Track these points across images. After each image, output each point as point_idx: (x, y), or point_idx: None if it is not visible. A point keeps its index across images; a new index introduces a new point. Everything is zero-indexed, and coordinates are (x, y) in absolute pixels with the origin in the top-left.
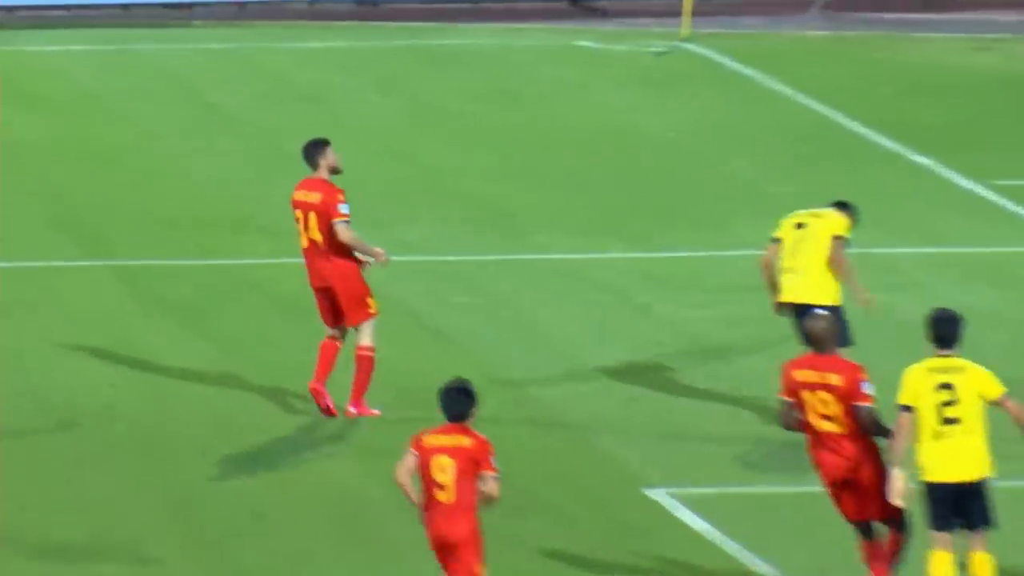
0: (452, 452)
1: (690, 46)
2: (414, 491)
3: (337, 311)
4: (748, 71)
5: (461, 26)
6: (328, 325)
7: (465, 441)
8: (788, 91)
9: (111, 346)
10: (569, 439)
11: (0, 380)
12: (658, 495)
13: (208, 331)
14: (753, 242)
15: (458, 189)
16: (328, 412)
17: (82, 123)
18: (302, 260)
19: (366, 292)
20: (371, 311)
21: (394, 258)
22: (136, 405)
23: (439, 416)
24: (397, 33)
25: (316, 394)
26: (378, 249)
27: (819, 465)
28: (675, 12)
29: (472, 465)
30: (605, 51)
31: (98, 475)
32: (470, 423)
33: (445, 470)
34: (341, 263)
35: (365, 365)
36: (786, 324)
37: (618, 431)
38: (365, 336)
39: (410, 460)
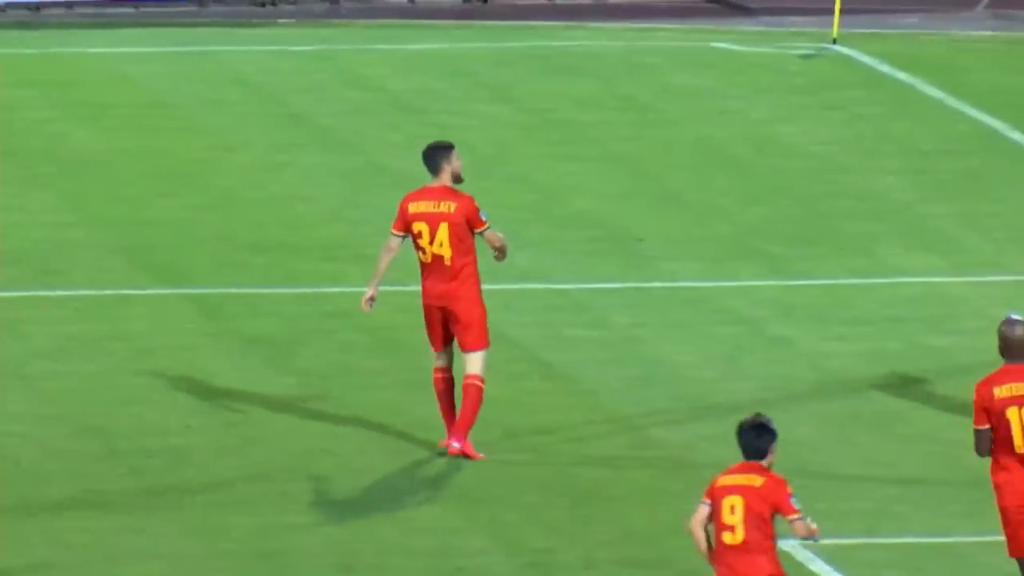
0: (742, 491)
1: (839, 48)
2: (705, 541)
3: (449, 334)
4: (903, 76)
5: (582, 25)
6: (437, 348)
7: (757, 480)
8: (948, 99)
9: (186, 383)
10: (693, 483)
11: (65, 421)
12: (790, 546)
13: (292, 366)
14: (902, 268)
15: (574, 210)
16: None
17: (152, 136)
18: (394, 285)
19: (486, 318)
20: (489, 339)
21: (503, 286)
22: (212, 447)
23: (551, 459)
24: (508, 34)
25: (454, 451)
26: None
27: (1007, 487)
28: (826, 10)
29: (763, 505)
30: (745, 54)
31: (170, 524)
32: (768, 462)
33: (734, 510)
34: (466, 284)
35: (475, 396)
36: (935, 359)
37: None
38: (477, 365)
39: (703, 511)
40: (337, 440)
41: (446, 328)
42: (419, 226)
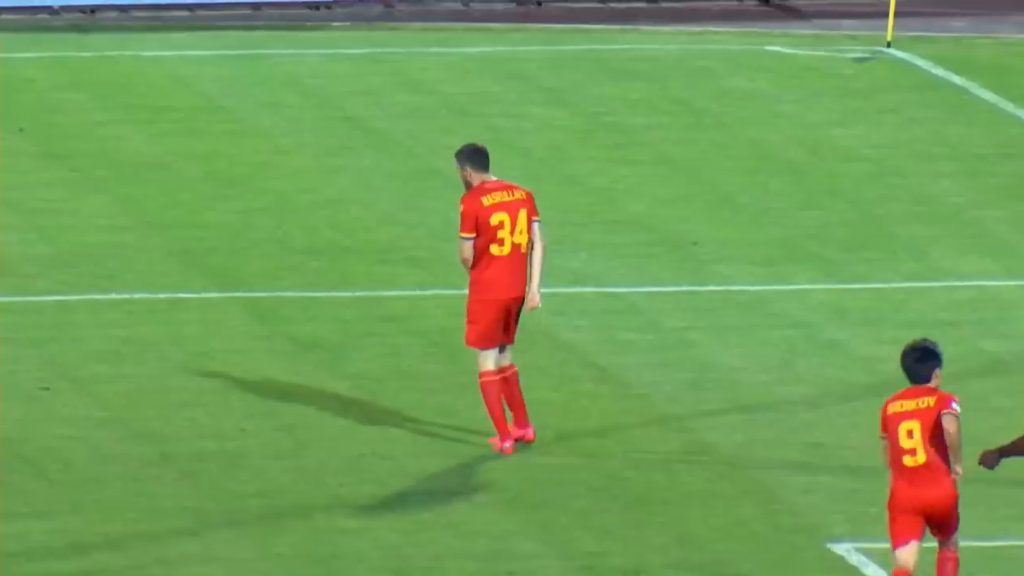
0: (917, 415)
1: (894, 52)
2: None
3: (510, 327)
4: (957, 80)
5: (636, 28)
6: (496, 343)
7: (930, 400)
8: (1002, 103)
9: (239, 387)
10: (746, 487)
11: (118, 425)
12: (844, 549)
13: (345, 370)
14: (956, 272)
15: (629, 213)
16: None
17: (206, 139)
18: (447, 288)
19: None
20: None
21: (557, 289)
22: (266, 451)
23: (604, 462)
24: (563, 37)
25: (516, 441)
26: None
27: None
28: (880, 13)
29: (937, 423)
30: (799, 57)
31: (224, 528)
32: (935, 383)
33: (912, 434)
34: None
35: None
36: (989, 362)
37: (801, 479)
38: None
39: (884, 447)
40: (390, 444)
41: (510, 323)
42: (499, 217)
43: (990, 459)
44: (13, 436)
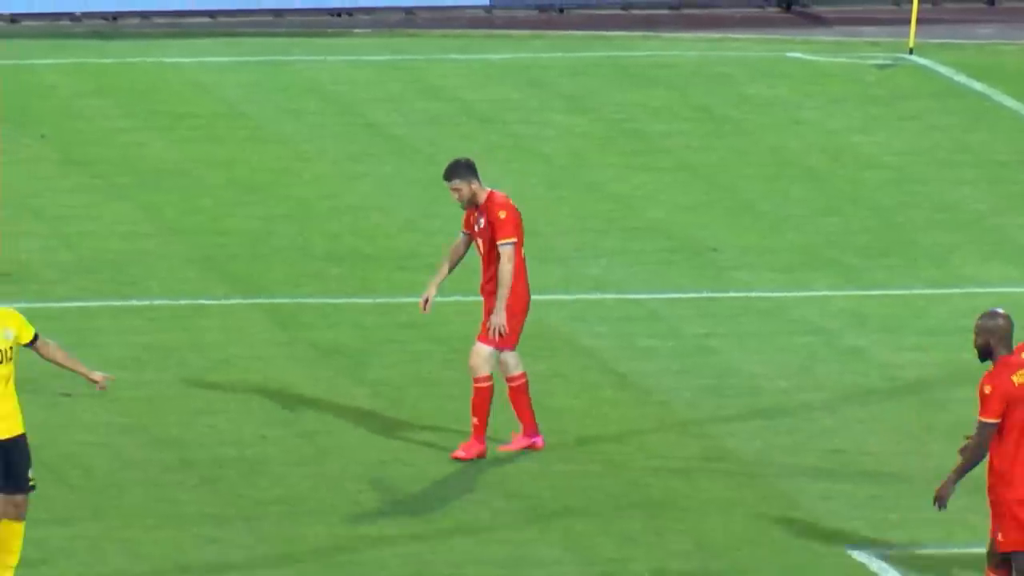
0: None
1: (915, 58)
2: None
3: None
4: (979, 86)
5: (657, 35)
6: (513, 346)
7: None
8: None
9: (260, 394)
10: (766, 494)
11: (139, 431)
12: (864, 556)
13: (366, 377)
14: (977, 279)
15: (649, 220)
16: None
17: (228, 145)
18: (467, 295)
19: None
20: None
21: (577, 296)
22: (286, 458)
23: (624, 468)
24: (583, 44)
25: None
26: None
27: None
28: (902, 20)
29: None
30: (821, 64)
31: (243, 534)
32: None
33: None
34: None
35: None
36: None
37: (821, 485)
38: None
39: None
40: (410, 450)
41: None
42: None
43: (946, 494)
44: (34, 442)
